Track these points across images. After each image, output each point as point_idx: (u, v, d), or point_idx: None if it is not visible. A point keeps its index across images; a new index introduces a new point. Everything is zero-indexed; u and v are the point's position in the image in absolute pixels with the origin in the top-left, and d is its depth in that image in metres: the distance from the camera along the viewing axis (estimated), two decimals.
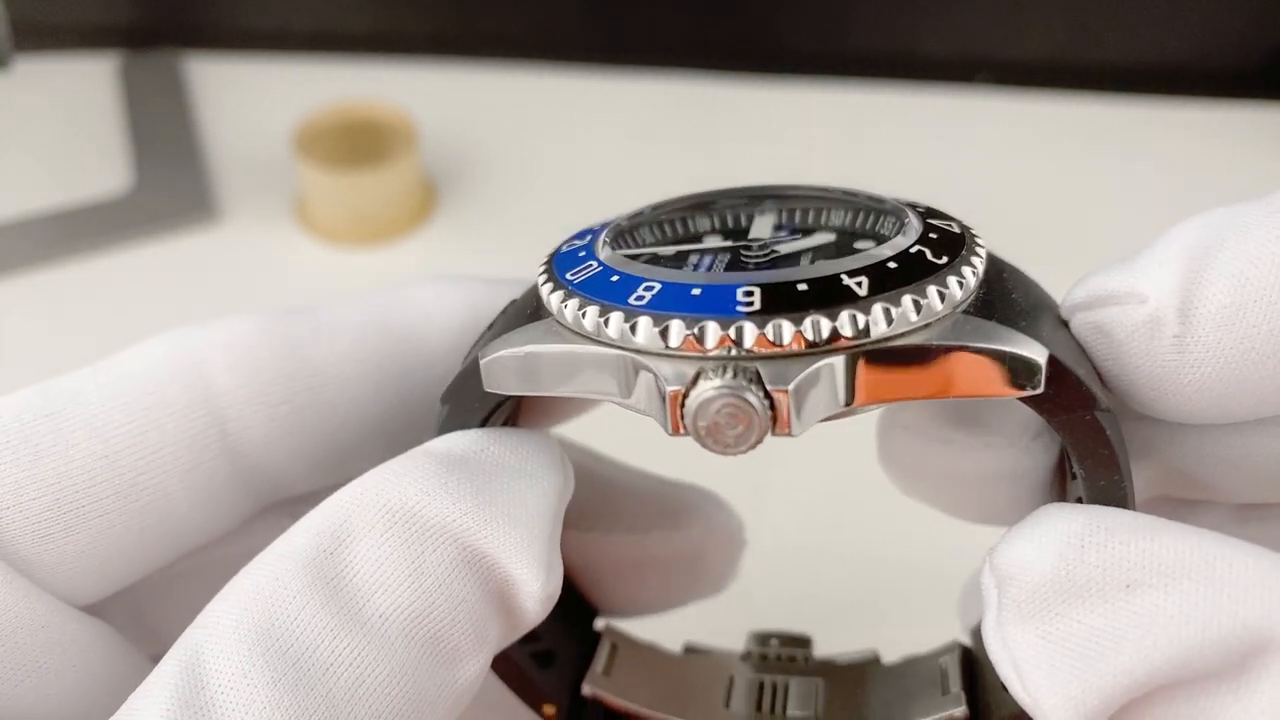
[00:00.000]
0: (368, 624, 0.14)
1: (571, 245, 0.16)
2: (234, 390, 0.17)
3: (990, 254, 0.16)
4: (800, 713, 0.20)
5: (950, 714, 0.18)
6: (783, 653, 0.21)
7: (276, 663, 0.13)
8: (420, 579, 0.14)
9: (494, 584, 0.15)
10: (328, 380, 0.17)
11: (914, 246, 0.15)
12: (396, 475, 0.15)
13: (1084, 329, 0.15)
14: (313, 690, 0.13)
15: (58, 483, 0.16)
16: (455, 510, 0.14)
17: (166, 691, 0.13)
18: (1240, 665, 0.13)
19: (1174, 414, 0.15)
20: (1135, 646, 0.13)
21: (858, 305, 0.13)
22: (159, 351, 0.17)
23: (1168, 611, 0.13)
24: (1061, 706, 0.14)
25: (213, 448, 0.17)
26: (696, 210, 0.17)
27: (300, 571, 0.14)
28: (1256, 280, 0.14)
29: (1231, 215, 0.14)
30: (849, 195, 0.17)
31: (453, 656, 0.14)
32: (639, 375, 0.14)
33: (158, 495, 0.16)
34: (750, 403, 0.13)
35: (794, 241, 0.16)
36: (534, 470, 0.16)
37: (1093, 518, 0.14)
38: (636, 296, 0.14)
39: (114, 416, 0.16)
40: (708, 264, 0.15)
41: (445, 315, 0.18)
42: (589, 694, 0.20)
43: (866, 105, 0.54)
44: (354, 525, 0.14)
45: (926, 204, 0.16)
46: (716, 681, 0.20)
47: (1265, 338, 0.14)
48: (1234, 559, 0.13)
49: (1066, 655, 0.14)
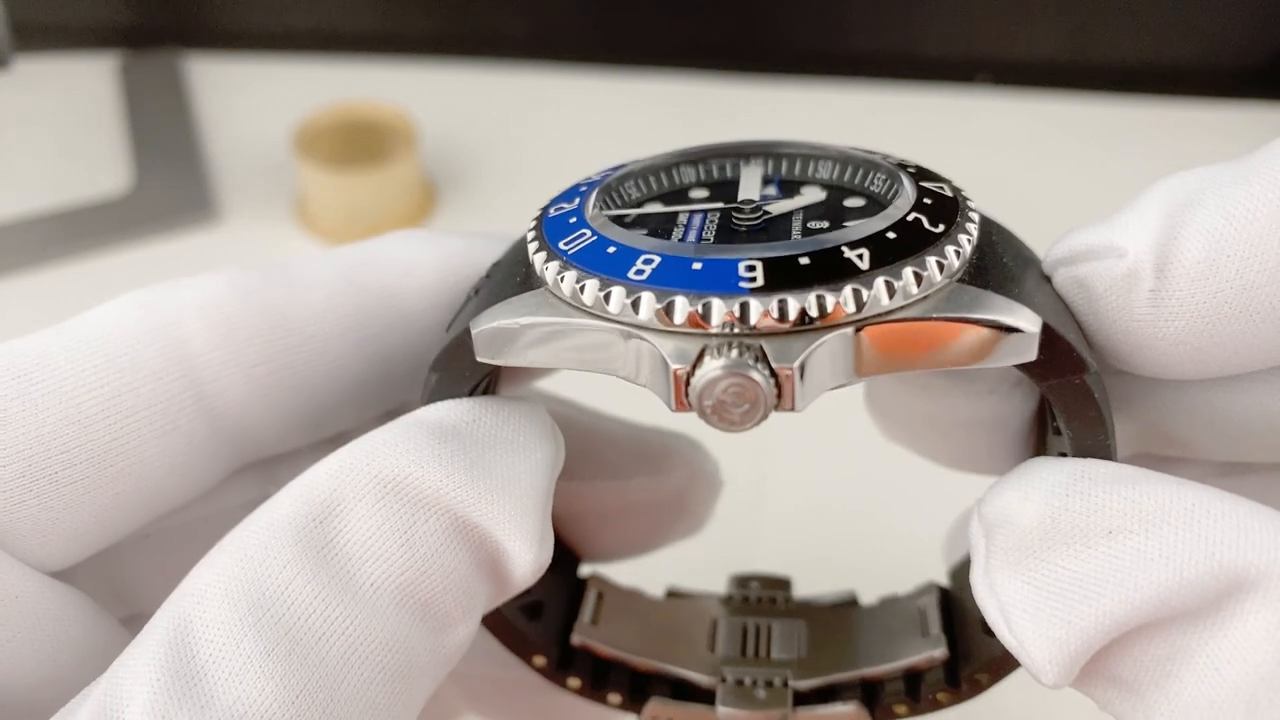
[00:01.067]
0: (359, 592, 0.14)
1: (560, 210, 0.16)
2: (210, 351, 0.16)
3: (981, 216, 0.16)
4: (783, 655, 0.20)
5: (931, 655, 0.19)
6: (763, 595, 0.21)
7: (269, 632, 0.13)
8: (412, 549, 0.14)
9: (485, 554, 0.15)
10: (305, 340, 0.17)
11: (911, 214, 0.14)
12: (389, 445, 0.15)
13: (1066, 283, 0.16)
14: (305, 659, 0.13)
15: (28, 449, 0.15)
16: (449, 483, 0.14)
17: (155, 661, 0.13)
18: (1215, 605, 0.13)
19: (1151, 368, 0.15)
20: (1116, 589, 0.13)
21: (860, 279, 0.13)
22: (130, 312, 0.16)
23: (1148, 555, 0.13)
24: (1046, 649, 0.14)
25: (189, 410, 0.16)
26: (683, 163, 0.17)
27: (290, 540, 0.14)
28: (1230, 237, 0.14)
29: (1209, 174, 0.15)
30: (837, 149, 0.17)
31: (443, 623, 0.15)
32: (642, 351, 0.14)
33: (133, 460, 0.16)
34: (756, 381, 0.13)
35: (783, 201, 0.16)
36: (527, 442, 0.16)
37: (1077, 468, 0.14)
38: (636, 270, 0.14)
39: (85, 380, 0.16)
40: (698, 226, 0.15)
41: (422, 272, 0.18)
42: (578, 644, 0.20)
43: (866, 105, 0.54)
44: (344, 494, 0.14)
45: (916, 163, 0.16)
46: (700, 626, 0.21)
47: (1237, 292, 0.14)
48: (1212, 505, 0.13)
49: (1051, 599, 0.14)
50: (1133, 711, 0.14)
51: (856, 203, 0.16)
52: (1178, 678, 0.14)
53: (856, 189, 0.16)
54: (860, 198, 0.16)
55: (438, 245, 0.18)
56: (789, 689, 0.19)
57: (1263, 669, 0.13)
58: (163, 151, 0.52)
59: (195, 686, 0.13)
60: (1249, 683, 0.13)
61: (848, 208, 0.16)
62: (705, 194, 0.17)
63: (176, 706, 0.13)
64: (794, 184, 0.17)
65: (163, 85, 0.56)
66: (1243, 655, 0.13)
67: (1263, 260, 0.14)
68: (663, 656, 0.20)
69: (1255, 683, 0.13)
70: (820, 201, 0.16)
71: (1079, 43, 0.54)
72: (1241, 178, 0.14)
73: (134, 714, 0.13)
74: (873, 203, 0.16)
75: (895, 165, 0.16)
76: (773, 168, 0.17)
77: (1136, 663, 0.14)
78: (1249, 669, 0.13)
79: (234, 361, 0.16)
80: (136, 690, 0.13)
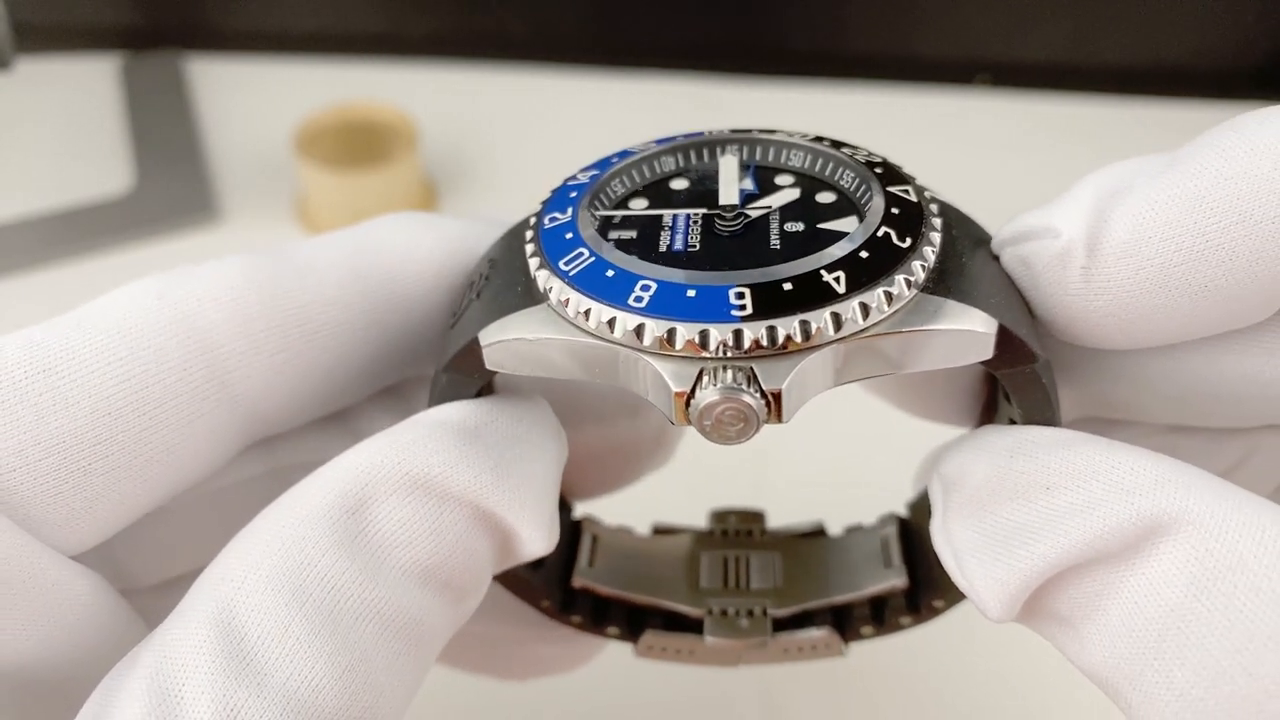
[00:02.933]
0: (390, 576, 0.16)
1: (555, 222, 0.17)
2: (230, 341, 0.17)
3: (940, 208, 0.17)
4: (762, 585, 0.22)
5: (893, 585, 0.21)
6: (740, 528, 0.23)
7: (313, 615, 0.15)
8: (439, 536, 0.16)
9: (501, 538, 0.17)
10: (319, 327, 0.18)
11: (880, 229, 0.16)
12: (419, 445, 0.16)
13: (1011, 261, 0.17)
14: (346, 637, 0.15)
15: (63, 442, 0.16)
16: (477, 481, 0.16)
17: (206, 643, 0.14)
18: (1135, 548, 0.15)
19: (1086, 339, 0.17)
20: (1050, 535, 0.15)
21: (837, 302, 0.15)
22: (148, 303, 0.17)
23: (1077, 506, 0.15)
24: (991, 588, 0.16)
25: (213, 399, 0.17)
26: (664, 153, 0.19)
27: (328, 530, 0.15)
28: (1152, 221, 0.16)
29: (1141, 164, 0.17)
30: (807, 139, 0.18)
31: (460, 595, 0.16)
32: (645, 371, 0.15)
33: (160, 449, 0.17)
34: (749, 403, 0.15)
35: (760, 200, 0.17)
36: (538, 440, 0.18)
37: (1022, 435, 0.17)
38: (635, 297, 0.15)
39: (113, 372, 0.16)
40: (683, 230, 0.17)
41: (422, 257, 0.19)
42: (579, 586, 0.22)
43: (866, 106, 0.55)
44: (376, 488, 0.16)
45: (880, 158, 0.18)
46: (686, 561, 0.23)
47: (1158, 269, 0.16)
48: (1135, 463, 0.15)
49: (995, 545, 0.16)
50: (1070, 643, 0.16)
51: (828, 198, 0.17)
52: (1105, 611, 0.15)
53: (827, 182, 0.18)
54: (831, 192, 0.18)
55: (435, 231, 0.19)
56: (768, 617, 0.21)
57: (1172, 601, 0.14)
58: (164, 152, 0.52)
59: (249, 666, 0.14)
60: (1161, 613, 0.14)
61: (820, 204, 0.17)
62: (685, 185, 0.18)
63: (236, 684, 0.14)
64: (768, 171, 0.18)
65: (164, 86, 0.56)
66: (1157, 590, 0.15)
67: (1179, 242, 0.16)
68: (655, 593, 0.22)
69: (1166, 613, 0.14)
70: (795, 201, 0.17)
71: (1078, 44, 0.55)
72: (1166, 168, 0.16)
73: (194, 693, 0.14)
74: (843, 198, 0.17)
75: (863, 164, 0.18)
76: (748, 154, 0.19)
77: (1071, 600, 0.16)
78: (1161, 601, 0.14)
79: (254, 350, 0.17)
80: (191, 671, 0.14)
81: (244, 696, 0.14)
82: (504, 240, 0.18)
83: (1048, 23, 0.54)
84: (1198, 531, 0.14)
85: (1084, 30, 0.54)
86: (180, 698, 0.14)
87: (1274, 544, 0.14)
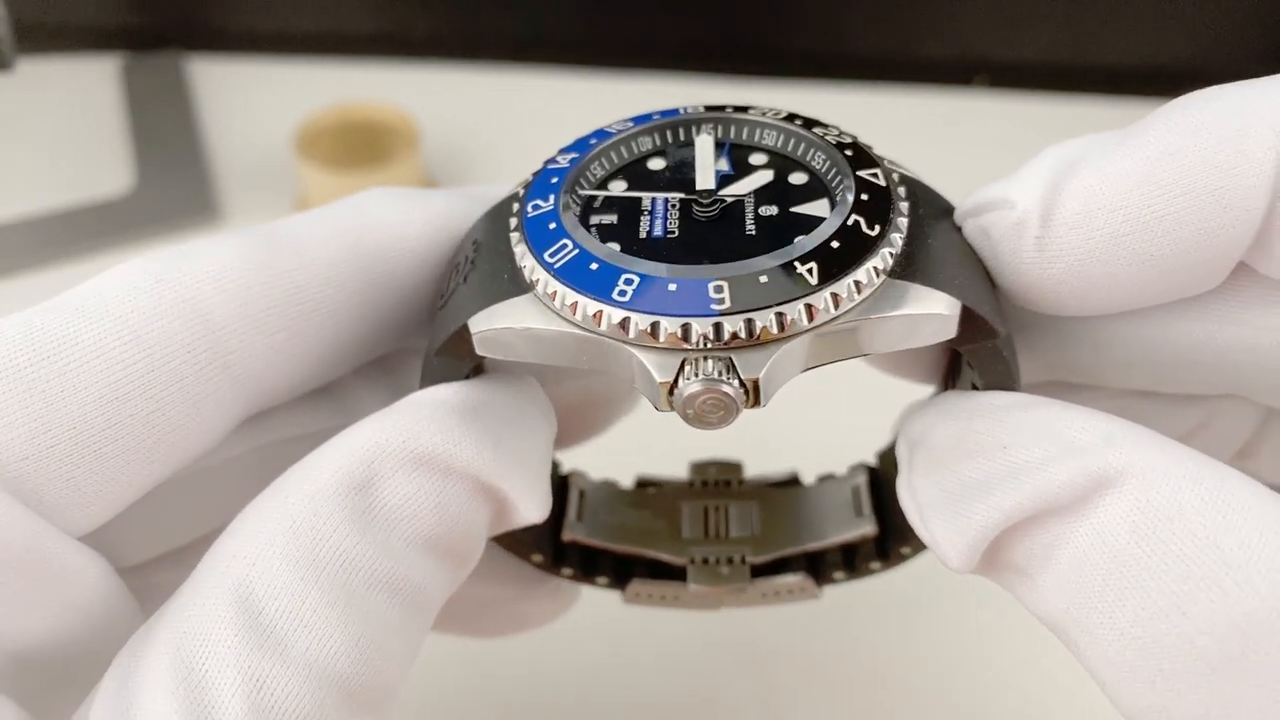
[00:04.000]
0: (397, 547, 0.16)
1: (538, 210, 0.18)
2: (233, 322, 0.17)
3: (905, 187, 0.18)
4: (740, 533, 0.24)
5: (864, 533, 0.23)
6: (719, 478, 0.25)
7: (328, 587, 0.16)
8: (443, 509, 0.17)
9: (499, 509, 0.18)
10: (314, 306, 0.18)
11: (850, 217, 0.17)
12: (421, 423, 0.17)
13: (972, 232, 0.18)
14: (359, 607, 0.16)
15: (74, 428, 0.16)
16: (477, 458, 0.17)
17: (226, 618, 0.15)
18: (1084, 499, 0.16)
19: (1043, 305, 0.18)
20: (1005, 490, 0.16)
21: (810, 294, 0.16)
22: (146, 285, 0.17)
23: (1030, 462, 0.16)
24: (949, 540, 0.17)
25: (217, 379, 0.17)
26: (640, 134, 0.19)
27: (338, 506, 0.16)
28: (1102, 193, 0.17)
29: (1094, 140, 0.17)
30: (779, 117, 0.19)
31: (460, 563, 0.18)
32: (629, 360, 0.16)
33: (167, 430, 0.17)
34: (728, 393, 0.16)
35: (735, 185, 0.18)
36: (533, 417, 0.19)
37: (982, 399, 0.18)
38: (619, 291, 0.16)
39: (119, 357, 0.17)
40: (662, 215, 0.18)
41: (413, 234, 0.19)
42: (568, 540, 0.23)
43: (864, 107, 0.55)
44: (382, 465, 0.17)
45: (851, 138, 0.19)
46: (669, 512, 0.24)
47: (1107, 239, 0.17)
48: (1085, 422, 0.16)
49: (955, 500, 0.17)
50: (1028, 592, 0.17)
51: (800, 179, 0.18)
52: (1057, 560, 0.16)
53: (799, 163, 0.19)
54: (803, 172, 0.19)
55: (422, 207, 0.20)
56: (747, 565, 0.23)
57: (1116, 547, 0.15)
58: (165, 152, 0.52)
59: (269, 638, 0.15)
60: (1106, 559, 0.15)
61: (792, 185, 0.18)
62: (663, 164, 0.19)
63: (259, 656, 0.15)
64: (743, 150, 0.19)
65: (165, 87, 0.56)
66: (1102, 538, 0.15)
67: (1126, 213, 0.17)
68: (640, 543, 0.23)
69: (1110, 559, 0.15)
70: (768, 184, 0.18)
71: (1077, 44, 0.55)
72: (1119, 143, 0.17)
73: (218, 667, 0.15)
74: (814, 178, 0.18)
75: (834, 145, 0.18)
76: (722, 132, 0.19)
77: (1026, 550, 0.17)
78: (1106, 548, 0.15)
79: (254, 330, 0.18)
80: (214, 646, 0.15)
81: (268, 667, 0.15)
82: (488, 221, 0.19)
83: (1046, 24, 0.54)
84: (1142, 483, 0.15)
85: (1082, 30, 0.54)
86: (204, 671, 0.15)
87: (1211, 495, 0.15)
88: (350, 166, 0.47)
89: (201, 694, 0.15)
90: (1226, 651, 0.14)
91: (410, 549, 0.17)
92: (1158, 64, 0.54)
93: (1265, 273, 0.17)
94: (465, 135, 0.53)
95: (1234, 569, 0.14)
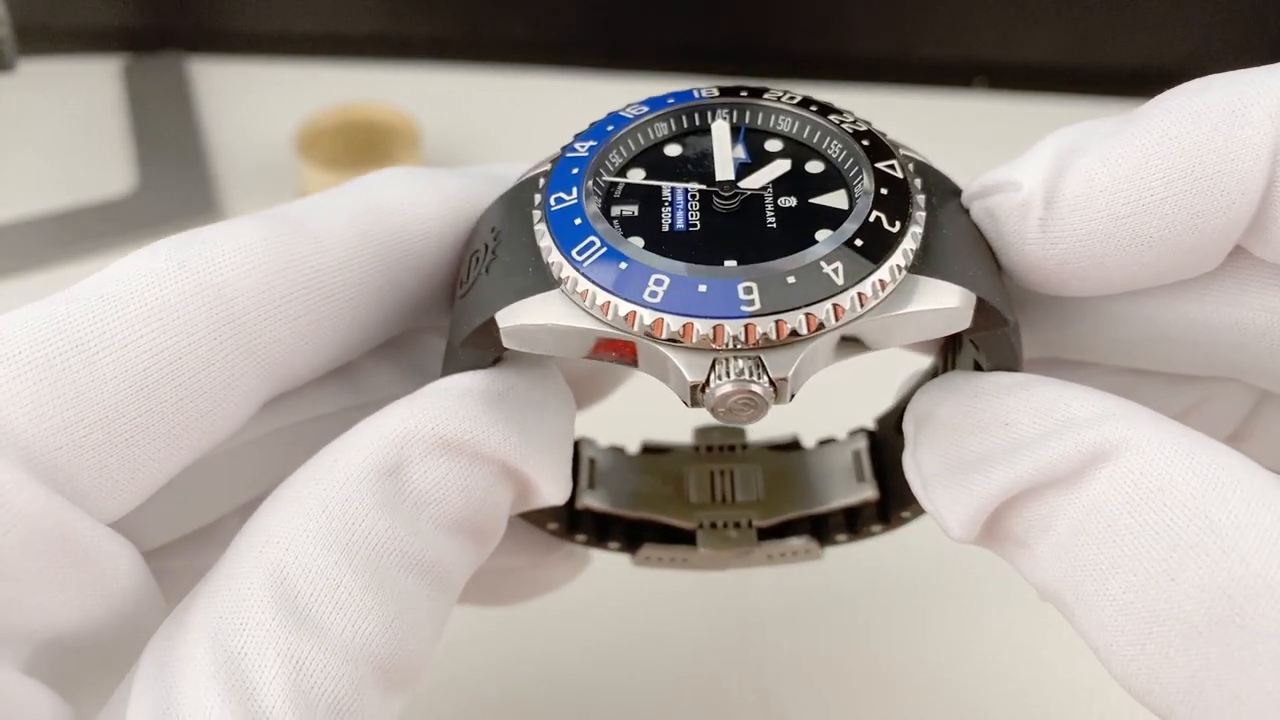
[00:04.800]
0: (427, 530, 0.17)
1: (562, 204, 0.18)
2: (258, 307, 0.18)
3: (922, 182, 0.18)
4: (745, 497, 0.24)
5: (865, 497, 0.24)
6: (723, 442, 0.25)
7: (362, 570, 0.16)
8: (470, 493, 0.17)
9: (523, 490, 0.18)
10: (334, 290, 0.18)
11: (872, 213, 0.17)
12: (449, 410, 0.17)
13: (979, 213, 0.19)
14: (391, 588, 0.16)
15: (105, 417, 0.16)
16: (505, 444, 0.18)
17: (262, 603, 0.15)
18: (1080, 473, 0.16)
19: (1045, 286, 0.18)
20: (1006, 464, 0.17)
21: (837, 294, 0.16)
22: (169, 272, 0.17)
23: (1030, 437, 0.17)
24: (951, 510, 0.18)
25: (242, 364, 0.18)
26: (656, 119, 0.20)
27: (369, 491, 0.17)
28: (1103, 176, 0.17)
29: (1097, 125, 0.18)
30: (793, 102, 0.20)
31: (485, 541, 0.18)
32: (661, 359, 0.17)
33: (195, 416, 0.17)
34: (758, 393, 0.16)
35: (754, 176, 0.19)
36: (555, 403, 0.19)
37: (987, 379, 0.18)
38: (650, 292, 0.16)
39: (147, 345, 0.17)
40: (683, 206, 0.18)
41: (429, 216, 0.19)
42: (582, 507, 0.24)
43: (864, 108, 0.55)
44: (411, 450, 0.17)
45: (866, 127, 0.19)
46: (676, 478, 0.25)
47: (1107, 220, 0.17)
48: (1084, 400, 0.17)
49: (957, 473, 0.18)
50: (1026, 563, 0.18)
51: (817, 167, 0.19)
52: (1054, 530, 0.17)
53: (815, 150, 0.19)
54: (819, 160, 0.19)
55: (437, 188, 0.20)
56: (753, 528, 0.24)
57: (1110, 517, 0.16)
58: (167, 153, 0.52)
59: (306, 621, 0.15)
60: (1101, 529, 0.16)
61: (810, 174, 0.19)
62: (680, 151, 0.19)
63: (298, 638, 0.15)
64: (759, 135, 0.19)
65: (167, 87, 0.56)
66: (1098, 508, 0.16)
67: (1127, 195, 0.17)
68: (650, 509, 0.24)
69: (1105, 529, 0.16)
70: (786, 173, 0.19)
71: (1077, 45, 0.55)
72: (1119, 129, 0.17)
73: (258, 650, 0.15)
74: (831, 167, 0.19)
75: (850, 135, 0.19)
76: (738, 118, 0.20)
77: (1025, 522, 0.17)
78: (1101, 518, 0.16)
79: (278, 315, 0.18)
80: (253, 630, 0.15)
81: (307, 649, 0.15)
82: (505, 208, 0.19)
83: (1046, 24, 0.54)
84: (1136, 456, 0.16)
85: (1082, 32, 0.55)
86: (244, 655, 0.15)
87: (1203, 469, 0.16)
88: (351, 167, 0.47)
89: (243, 677, 0.15)
90: (1212, 615, 0.15)
91: (439, 531, 0.17)
92: (1158, 65, 0.54)
93: (1261, 256, 0.18)
94: (465, 136, 0.53)
95: (1222, 537, 0.15)
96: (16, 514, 0.15)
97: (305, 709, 0.15)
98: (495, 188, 0.20)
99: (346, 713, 0.15)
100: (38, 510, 0.16)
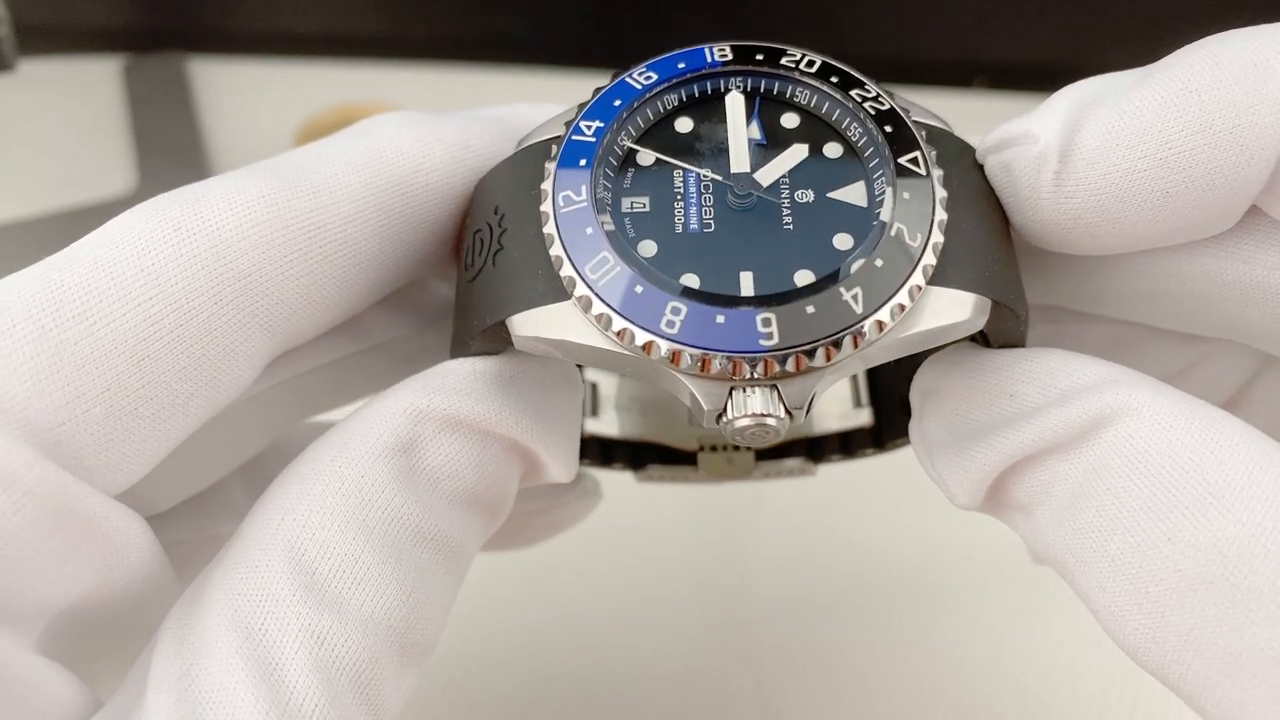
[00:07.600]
0: (440, 506, 0.17)
1: (571, 205, 0.17)
2: (260, 268, 0.17)
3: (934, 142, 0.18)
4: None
5: (861, 424, 0.24)
6: None
7: (379, 546, 0.16)
8: (482, 469, 0.18)
9: (532, 467, 0.19)
10: (337, 246, 0.18)
11: (894, 225, 0.17)
12: (462, 391, 0.18)
13: (994, 168, 0.18)
14: (407, 563, 0.16)
15: (108, 390, 0.16)
16: (516, 424, 0.18)
17: (282, 579, 0.16)
18: (1080, 438, 0.17)
19: (1057, 244, 0.18)
20: (1007, 432, 0.17)
21: (856, 323, 0.16)
22: (165, 236, 0.17)
23: (1031, 406, 0.17)
24: (956, 477, 0.18)
25: (246, 327, 0.17)
26: (665, 90, 0.19)
27: (385, 469, 0.17)
28: (1119, 130, 0.17)
29: (1115, 78, 0.18)
30: (809, 71, 0.19)
31: (495, 514, 0.19)
32: (677, 383, 0.17)
33: (200, 383, 0.17)
34: (774, 425, 0.16)
35: (769, 166, 0.18)
36: (565, 386, 0.19)
37: (993, 354, 0.18)
38: (667, 321, 0.16)
39: (147, 314, 0.16)
40: (696, 201, 0.18)
41: (431, 169, 0.19)
42: (587, 434, 0.24)
43: None
44: (425, 428, 0.17)
45: (886, 103, 0.18)
46: (676, 402, 0.23)
47: (1123, 174, 0.17)
48: (1087, 368, 0.17)
49: (962, 441, 0.18)
50: (1029, 529, 0.18)
51: (835, 151, 0.18)
52: (1055, 495, 0.17)
53: (834, 129, 0.18)
54: (838, 143, 0.18)
55: (439, 138, 0.19)
56: (751, 451, 0.24)
57: (1110, 481, 0.16)
58: (167, 153, 0.52)
59: (325, 596, 0.16)
60: (1100, 493, 0.16)
61: (828, 161, 0.18)
62: (691, 126, 0.19)
63: (318, 613, 0.15)
64: (775, 107, 0.19)
65: (167, 87, 0.56)
66: (1097, 472, 0.16)
67: (1144, 149, 0.17)
68: (652, 433, 0.25)
69: (1104, 493, 0.16)
70: (803, 161, 0.18)
71: (1076, 45, 0.55)
72: (1137, 83, 0.17)
73: (279, 625, 0.15)
74: (849, 151, 0.18)
75: (871, 116, 0.18)
76: (751, 85, 0.19)
77: (1027, 488, 0.17)
78: (1101, 482, 0.16)
79: (280, 275, 0.17)
80: (273, 605, 0.15)
81: (327, 623, 0.15)
82: (510, 180, 0.18)
83: (1046, 24, 0.55)
84: (1136, 420, 0.16)
85: (1083, 32, 0.55)
86: (265, 630, 0.15)
87: (1201, 432, 0.16)
88: None
89: (265, 651, 0.15)
90: (1207, 573, 0.15)
91: (451, 507, 0.17)
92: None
93: (1276, 216, 0.18)
94: None
95: (1217, 498, 0.15)
96: (25, 493, 0.15)
97: (328, 682, 0.15)
98: (497, 136, 0.20)
99: (368, 684, 0.16)
100: (46, 488, 0.15)
